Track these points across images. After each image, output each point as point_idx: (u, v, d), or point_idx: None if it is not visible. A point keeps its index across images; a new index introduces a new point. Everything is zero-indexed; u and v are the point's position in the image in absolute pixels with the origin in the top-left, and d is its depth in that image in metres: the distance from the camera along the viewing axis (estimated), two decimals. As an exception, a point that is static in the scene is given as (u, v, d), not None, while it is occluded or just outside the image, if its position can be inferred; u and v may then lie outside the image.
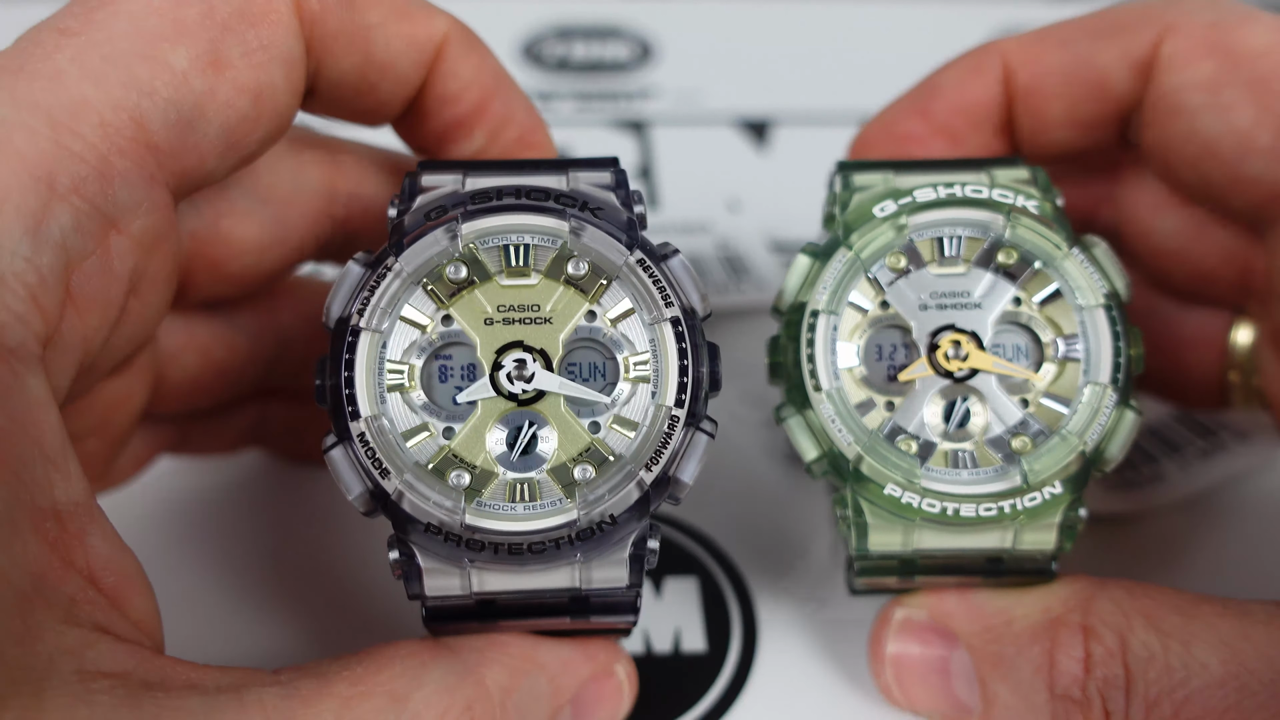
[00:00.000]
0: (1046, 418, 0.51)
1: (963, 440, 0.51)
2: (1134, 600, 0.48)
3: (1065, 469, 0.49)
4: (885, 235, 0.52)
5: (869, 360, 0.52)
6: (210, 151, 0.46)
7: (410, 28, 0.51)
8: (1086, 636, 0.48)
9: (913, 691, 0.53)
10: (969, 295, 0.52)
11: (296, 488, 0.68)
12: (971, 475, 0.50)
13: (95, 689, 0.38)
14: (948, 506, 0.49)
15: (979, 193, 0.52)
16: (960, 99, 0.59)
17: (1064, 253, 0.51)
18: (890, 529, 0.50)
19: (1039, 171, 0.54)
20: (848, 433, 0.50)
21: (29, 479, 0.40)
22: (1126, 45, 0.55)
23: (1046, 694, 0.48)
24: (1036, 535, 0.50)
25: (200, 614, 0.61)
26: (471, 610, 0.48)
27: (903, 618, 0.53)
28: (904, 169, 0.54)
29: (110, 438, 0.56)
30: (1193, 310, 0.62)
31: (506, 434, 0.48)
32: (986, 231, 0.52)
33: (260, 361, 0.60)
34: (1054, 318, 0.52)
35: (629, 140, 0.97)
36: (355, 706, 0.42)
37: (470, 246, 0.48)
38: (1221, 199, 0.55)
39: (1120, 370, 0.50)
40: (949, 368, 0.51)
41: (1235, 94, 0.52)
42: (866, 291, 0.52)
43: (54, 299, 0.42)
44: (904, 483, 0.49)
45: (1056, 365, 0.51)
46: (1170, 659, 0.45)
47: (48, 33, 0.44)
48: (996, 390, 0.51)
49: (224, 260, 0.54)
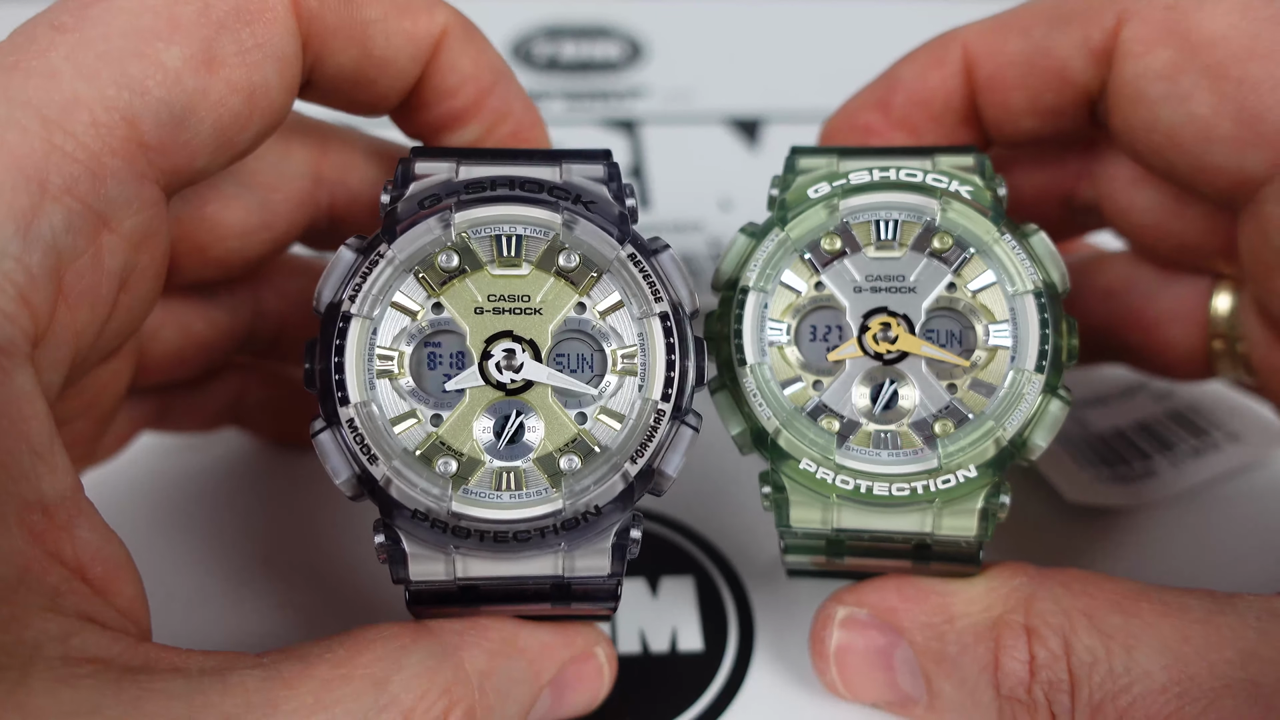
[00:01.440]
0: (972, 403, 0.51)
1: (889, 422, 0.51)
2: (1074, 598, 0.48)
3: (981, 453, 0.49)
4: (817, 216, 0.52)
5: (803, 340, 0.53)
6: (202, 149, 0.46)
7: (410, 22, 0.51)
8: (1030, 638, 0.48)
9: (857, 684, 0.54)
10: (904, 279, 0.52)
11: (279, 470, 0.68)
12: (891, 456, 0.50)
13: (79, 673, 0.38)
14: (861, 484, 0.50)
15: (913, 176, 0.53)
16: (920, 91, 0.59)
17: (994, 238, 0.51)
18: (810, 505, 0.50)
19: (984, 158, 0.54)
20: (767, 407, 0.50)
21: (16, 473, 0.40)
22: (1085, 32, 0.55)
23: (992, 693, 0.49)
24: (956, 520, 0.50)
25: (185, 596, 0.61)
26: (455, 595, 0.48)
27: (845, 615, 0.53)
28: (850, 155, 0.54)
29: (97, 418, 0.57)
30: (1172, 283, 0.62)
31: (494, 423, 0.48)
32: (921, 216, 0.52)
33: (239, 335, 0.61)
34: (987, 304, 0.52)
35: (619, 139, 0.97)
36: (336, 689, 0.42)
37: (463, 235, 0.49)
38: (1189, 185, 0.55)
39: (1046, 358, 0.50)
40: (878, 349, 0.52)
41: (1194, 82, 0.51)
42: (800, 272, 0.53)
43: (45, 298, 0.42)
44: (819, 458, 0.50)
45: (987, 352, 0.52)
46: (1114, 663, 0.46)
47: (42, 28, 0.44)
48: (925, 374, 0.52)
49: (209, 244, 0.54)
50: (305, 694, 0.41)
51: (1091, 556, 0.65)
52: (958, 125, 0.59)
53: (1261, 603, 0.46)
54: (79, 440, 0.57)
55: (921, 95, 0.59)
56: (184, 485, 0.67)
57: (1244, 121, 0.51)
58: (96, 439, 0.58)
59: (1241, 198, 0.53)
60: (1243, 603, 0.46)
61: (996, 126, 0.59)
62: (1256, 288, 0.56)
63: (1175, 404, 0.73)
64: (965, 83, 0.58)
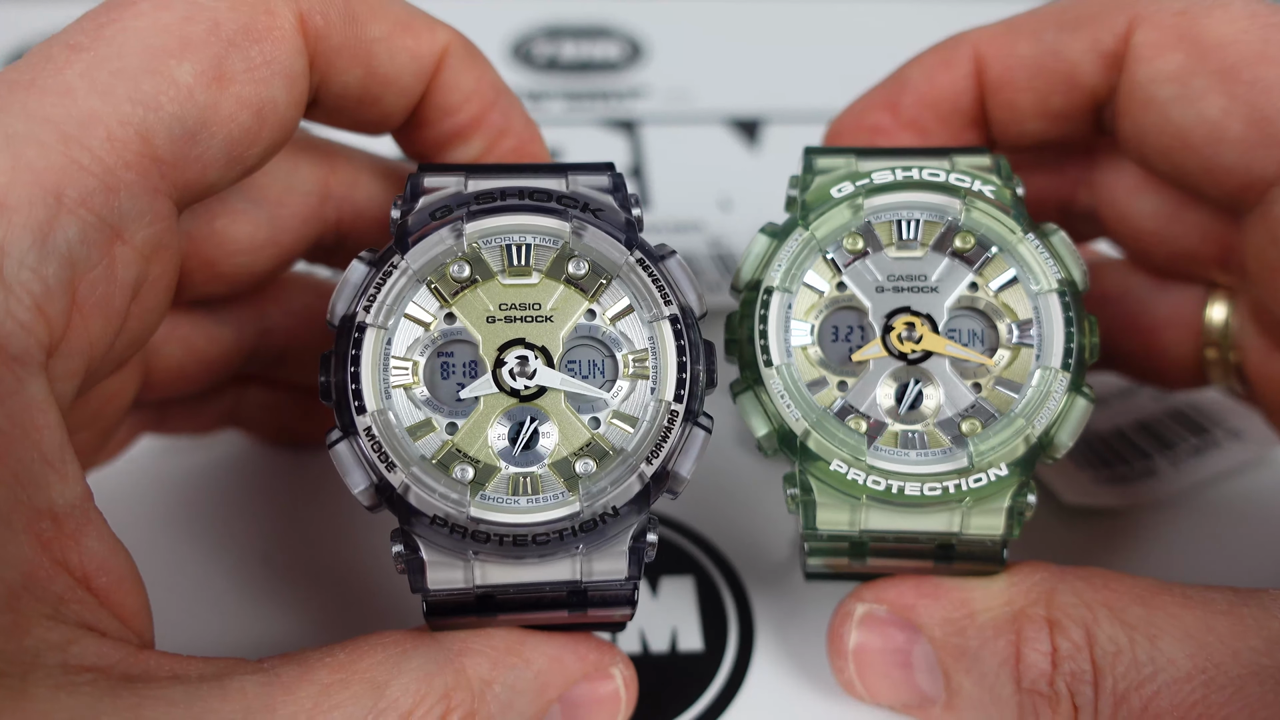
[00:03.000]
0: (998, 402, 0.51)
1: (915, 422, 0.52)
2: (1095, 591, 0.48)
3: (1011, 451, 0.50)
4: (841, 216, 0.52)
5: (825, 341, 0.53)
6: (213, 164, 0.47)
7: (413, 41, 0.52)
8: (1052, 630, 0.48)
9: (875, 684, 0.54)
10: (926, 278, 0.52)
11: (279, 471, 0.69)
12: (920, 455, 0.50)
13: (79, 681, 0.39)
14: (893, 484, 0.50)
15: (936, 176, 0.53)
16: (929, 93, 0.59)
17: (1018, 238, 0.52)
18: (838, 507, 0.51)
19: (1001, 159, 0.54)
20: (796, 409, 0.50)
21: (27, 480, 0.41)
22: (1096, 36, 0.55)
23: (1013, 687, 0.49)
24: (984, 519, 0.50)
25: (185, 598, 0.61)
26: (472, 604, 0.49)
27: (864, 612, 0.53)
28: (867, 155, 0.54)
29: (101, 429, 0.57)
30: (1167, 292, 0.63)
31: (508, 429, 0.49)
32: (943, 215, 0.52)
33: (243, 352, 0.61)
34: (1010, 303, 0.52)
35: (619, 139, 0.98)
36: (334, 694, 0.43)
37: (474, 245, 0.49)
38: (1196, 187, 0.55)
39: (1072, 355, 0.50)
40: (902, 349, 0.52)
41: (1205, 84, 0.52)
42: (823, 272, 0.53)
43: (60, 308, 0.43)
44: (850, 459, 0.50)
45: (1010, 351, 0.52)
46: (1137, 653, 0.46)
47: (59, 48, 0.45)
48: (950, 373, 0.52)
49: (217, 259, 0.55)
50: (304, 699, 0.42)
51: (1093, 557, 0.65)
52: (965, 127, 0.60)
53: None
54: (81, 450, 0.57)
55: (930, 96, 0.59)
56: (183, 486, 0.67)
57: (1255, 123, 0.51)
58: (98, 449, 0.59)
59: (1250, 199, 0.53)
60: (1267, 596, 0.47)
61: (1003, 129, 0.60)
62: (1261, 291, 0.56)
63: (1175, 402, 0.74)
64: (974, 85, 0.59)
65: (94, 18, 0.46)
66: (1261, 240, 0.54)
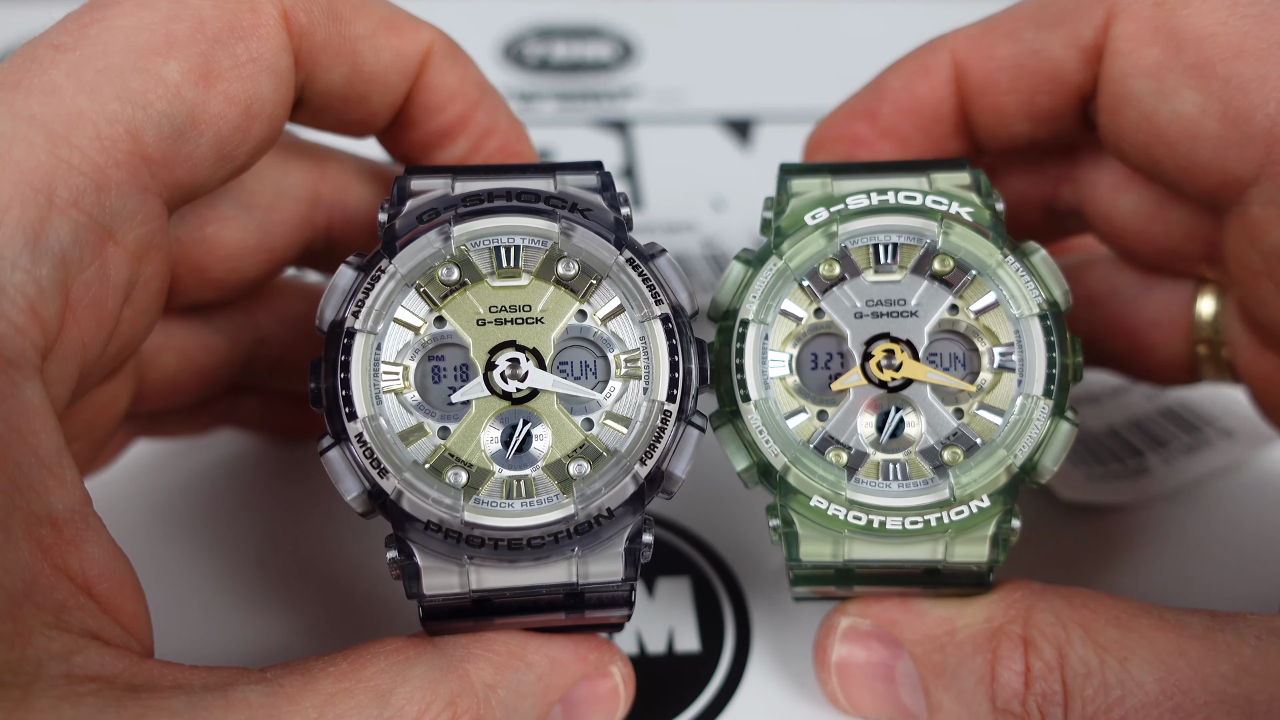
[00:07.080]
0: (980, 428, 0.50)
1: (896, 450, 0.51)
2: (1073, 610, 0.48)
3: (993, 482, 0.49)
4: (816, 244, 0.51)
5: (804, 369, 0.52)
6: (202, 162, 0.47)
7: (397, 39, 0.52)
8: (1026, 649, 0.48)
9: (858, 697, 0.53)
10: (905, 303, 0.51)
11: (278, 472, 0.68)
12: (900, 487, 0.50)
13: (82, 691, 0.39)
14: (874, 519, 0.49)
15: (912, 199, 0.51)
16: (907, 101, 0.58)
17: (998, 261, 0.50)
18: (820, 539, 0.50)
19: (980, 175, 0.53)
20: (774, 444, 0.50)
21: (25, 486, 0.40)
22: (1076, 31, 0.54)
23: (989, 706, 0.48)
24: (968, 548, 0.49)
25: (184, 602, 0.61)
26: (469, 609, 0.48)
27: (848, 625, 0.52)
28: (843, 173, 0.53)
29: (95, 440, 0.57)
30: (1155, 288, 0.62)
31: (501, 432, 0.49)
32: (921, 238, 0.51)
33: (237, 361, 0.61)
34: (991, 326, 0.51)
35: (611, 140, 0.97)
36: (339, 703, 0.42)
37: (462, 248, 0.49)
38: (1175, 185, 0.54)
39: (1054, 381, 0.50)
40: (882, 377, 0.51)
41: (1180, 80, 0.51)
42: (800, 299, 0.52)
43: (53, 310, 0.42)
44: (830, 495, 0.49)
45: (992, 375, 0.51)
46: (1107, 675, 0.46)
47: (43, 48, 0.44)
48: (931, 400, 0.51)
49: (208, 265, 0.55)
50: (309, 708, 0.42)
51: (1085, 554, 0.64)
52: (947, 134, 0.59)
53: (1262, 621, 0.46)
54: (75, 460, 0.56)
55: (909, 105, 0.58)
56: (176, 490, 0.67)
57: (1230, 121, 0.50)
58: (91, 459, 0.59)
59: (1228, 198, 0.52)
60: (1243, 622, 0.46)
61: (989, 133, 0.58)
62: (1242, 292, 0.55)
63: (1167, 401, 0.73)
64: (954, 91, 0.57)
65: (77, 18, 0.45)
66: (1240, 243, 0.53)
